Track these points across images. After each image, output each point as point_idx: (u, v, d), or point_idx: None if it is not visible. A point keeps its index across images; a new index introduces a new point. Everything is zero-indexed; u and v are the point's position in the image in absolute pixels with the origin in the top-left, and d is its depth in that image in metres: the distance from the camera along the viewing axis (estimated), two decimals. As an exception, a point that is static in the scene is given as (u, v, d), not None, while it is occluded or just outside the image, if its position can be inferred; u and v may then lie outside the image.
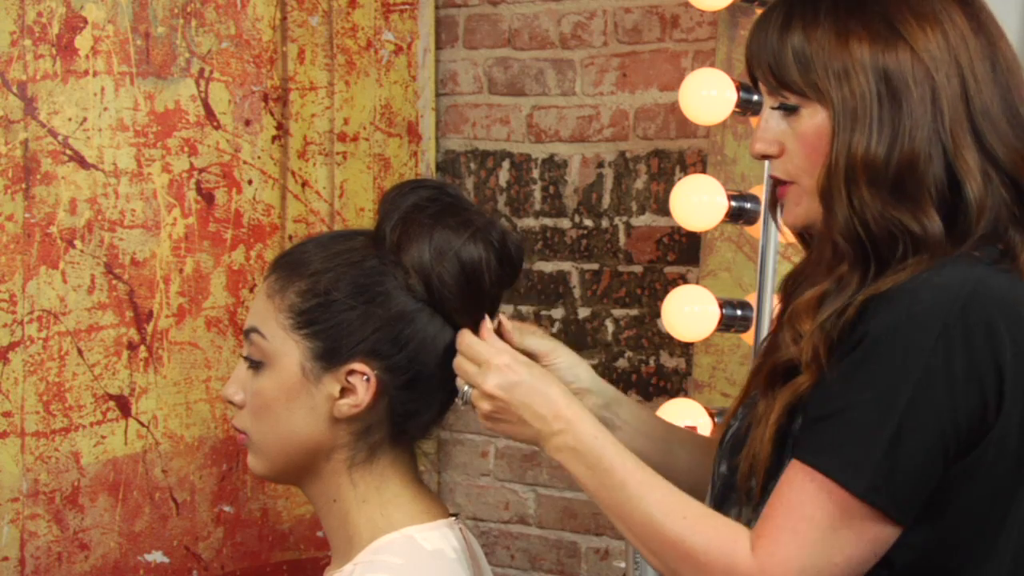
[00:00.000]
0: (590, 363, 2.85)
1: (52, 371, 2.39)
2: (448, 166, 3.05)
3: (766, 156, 1.47)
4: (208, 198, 2.59)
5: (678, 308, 2.36)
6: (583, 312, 2.89)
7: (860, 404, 1.32)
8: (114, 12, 2.45)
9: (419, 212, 1.43)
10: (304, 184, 2.73)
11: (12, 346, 2.35)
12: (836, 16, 1.40)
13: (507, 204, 2.98)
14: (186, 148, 2.55)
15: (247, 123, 2.65)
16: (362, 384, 1.41)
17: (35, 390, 2.37)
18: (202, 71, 2.58)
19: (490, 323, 1.46)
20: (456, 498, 2.99)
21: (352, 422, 1.42)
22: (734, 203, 2.33)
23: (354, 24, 2.82)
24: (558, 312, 2.91)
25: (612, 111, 2.85)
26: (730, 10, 2.50)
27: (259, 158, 2.66)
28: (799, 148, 1.43)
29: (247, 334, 1.44)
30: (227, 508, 2.60)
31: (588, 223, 2.88)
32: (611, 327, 2.85)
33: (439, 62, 3.03)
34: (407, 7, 2.92)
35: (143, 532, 2.50)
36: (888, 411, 1.31)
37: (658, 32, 2.79)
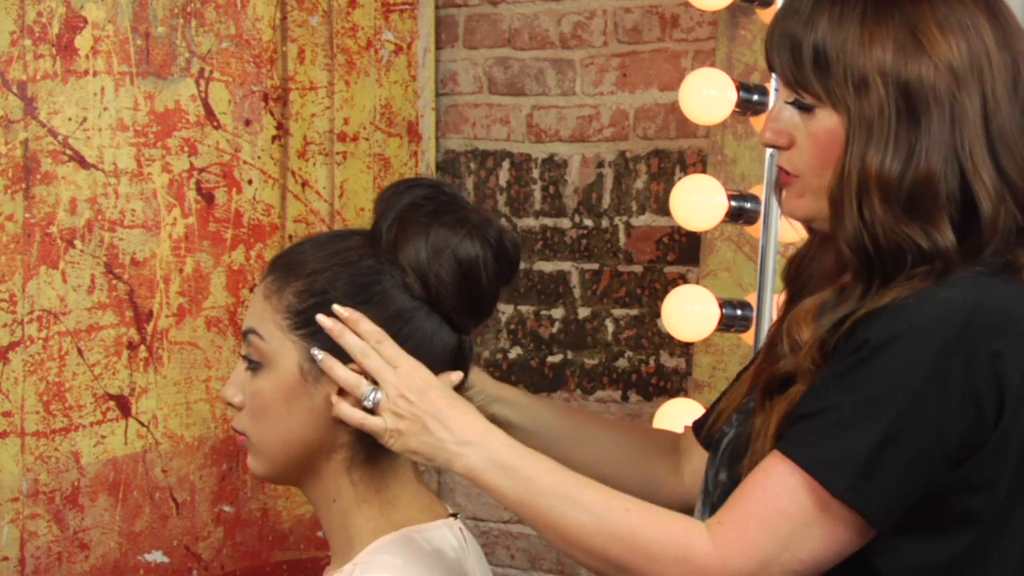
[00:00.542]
0: (590, 363, 2.86)
1: (52, 371, 2.39)
2: (448, 166, 3.05)
3: (775, 146, 1.45)
4: (208, 198, 2.59)
5: (678, 308, 2.36)
6: (583, 312, 2.89)
7: (850, 406, 1.31)
8: (114, 12, 2.45)
9: (415, 210, 1.42)
10: (304, 184, 2.73)
11: (12, 346, 2.35)
12: (863, 18, 1.37)
13: (507, 204, 2.98)
14: (186, 148, 2.55)
15: (247, 123, 2.65)
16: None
17: (35, 390, 2.37)
18: (202, 71, 2.58)
19: None
20: (456, 498, 2.99)
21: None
22: (734, 203, 2.33)
23: (354, 24, 2.82)
24: (558, 312, 2.91)
25: (612, 111, 2.85)
26: (730, 10, 2.50)
27: (259, 158, 2.66)
28: (810, 146, 1.41)
29: (245, 335, 1.44)
30: (227, 508, 2.60)
31: (588, 223, 2.88)
32: (611, 327, 2.85)
33: (439, 62, 3.03)
34: (407, 7, 2.92)
35: (143, 532, 2.50)
36: (878, 416, 1.30)
37: (658, 32, 2.79)
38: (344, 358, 1.39)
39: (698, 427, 1.67)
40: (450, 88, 3.04)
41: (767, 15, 2.39)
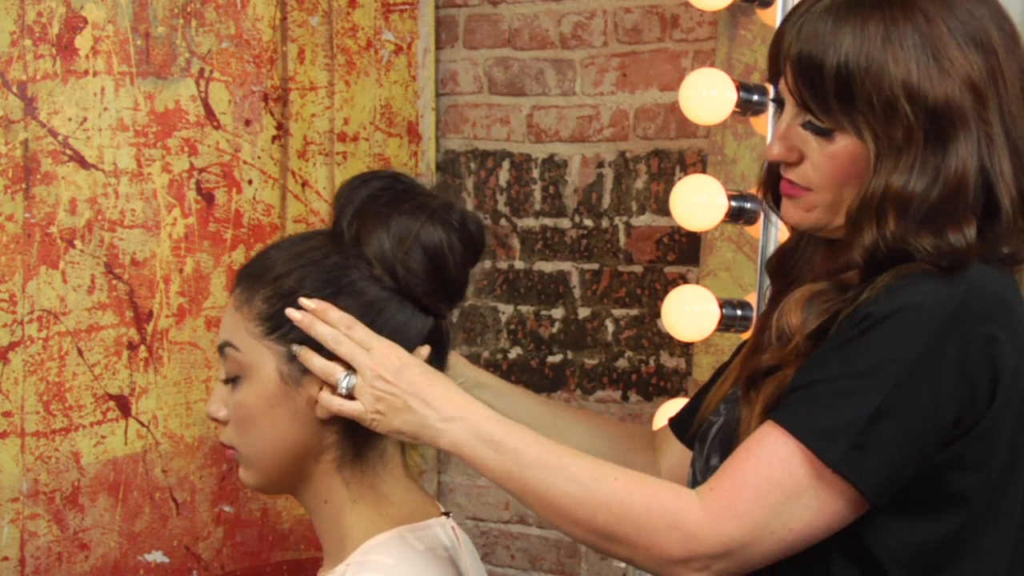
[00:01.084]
0: (590, 363, 2.86)
1: (52, 371, 2.39)
2: (448, 166, 3.05)
3: (784, 161, 1.44)
4: (208, 198, 2.59)
5: (678, 308, 2.36)
6: (583, 312, 2.89)
7: (846, 378, 1.32)
8: (114, 12, 2.45)
9: (374, 202, 1.42)
10: (304, 184, 2.73)
11: (12, 346, 2.35)
12: (885, 43, 1.36)
13: (507, 204, 2.98)
14: (186, 148, 2.55)
15: (247, 123, 2.65)
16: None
17: (35, 390, 2.37)
18: (202, 71, 2.58)
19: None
20: (456, 498, 2.99)
21: (336, 420, 1.41)
22: (734, 203, 2.33)
23: (354, 24, 2.82)
24: (558, 312, 2.91)
25: (612, 111, 2.85)
26: (730, 10, 2.50)
27: (259, 158, 2.66)
28: (826, 165, 1.40)
29: (221, 350, 1.44)
30: (227, 508, 2.60)
31: (588, 223, 2.88)
32: (611, 327, 2.85)
33: (439, 62, 3.03)
34: (407, 7, 2.92)
35: (143, 532, 2.50)
36: (873, 389, 1.31)
37: (658, 32, 2.79)
38: (322, 352, 1.39)
39: (676, 424, 1.68)
40: (450, 88, 3.04)
41: (767, 15, 2.39)
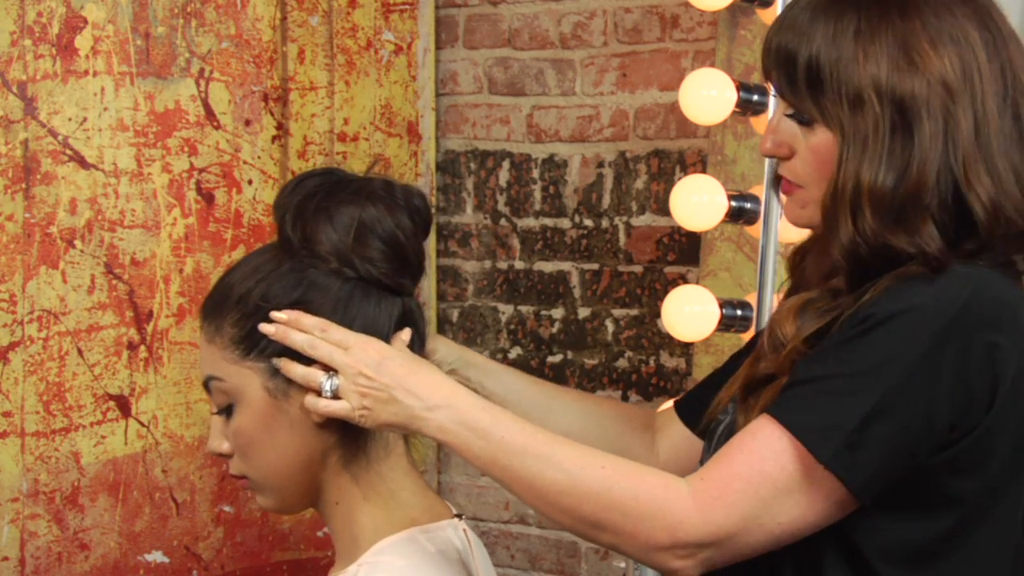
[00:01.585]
0: (590, 363, 2.86)
1: (52, 371, 2.39)
2: (448, 166, 3.05)
3: (775, 156, 1.46)
4: (208, 198, 2.59)
5: (678, 308, 2.36)
6: (583, 312, 2.89)
7: (844, 376, 1.32)
8: (114, 12, 2.45)
9: (311, 200, 1.42)
10: (304, 184, 2.73)
11: (12, 346, 2.35)
12: (857, 36, 1.37)
13: (507, 204, 2.98)
14: (186, 148, 2.55)
15: (247, 123, 2.65)
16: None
17: (35, 390, 2.37)
18: (202, 71, 2.58)
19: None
20: (457, 498, 2.99)
21: (332, 421, 1.41)
22: (734, 203, 2.33)
23: (354, 24, 2.82)
24: (558, 312, 2.91)
25: (612, 111, 2.85)
26: (730, 10, 2.50)
27: (259, 158, 2.66)
28: (810, 158, 1.42)
29: (206, 385, 1.44)
30: (227, 508, 2.60)
31: (588, 223, 2.88)
32: (611, 327, 2.85)
33: (439, 62, 3.03)
34: (407, 7, 2.92)
35: (143, 532, 2.50)
36: (870, 388, 1.31)
37: (658, 32, 2.79)
38: (302, 360, 1.39)
39: (681, 407, 1.68)
40: (450, 88, 3.04)
41: (767, 15, 2.39)
